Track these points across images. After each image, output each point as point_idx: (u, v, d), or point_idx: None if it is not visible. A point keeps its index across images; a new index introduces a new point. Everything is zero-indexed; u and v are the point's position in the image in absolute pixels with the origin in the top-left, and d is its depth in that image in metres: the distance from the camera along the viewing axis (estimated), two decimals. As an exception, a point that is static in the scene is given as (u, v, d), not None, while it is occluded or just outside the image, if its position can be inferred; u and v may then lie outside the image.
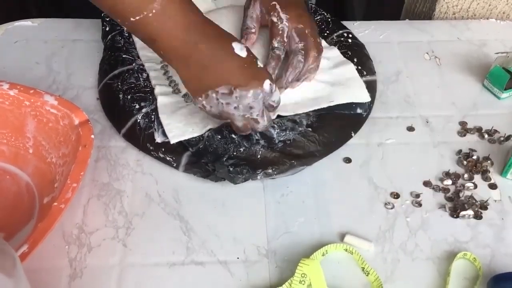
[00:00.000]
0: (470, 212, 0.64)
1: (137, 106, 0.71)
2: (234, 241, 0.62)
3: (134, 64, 0.76)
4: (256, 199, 0.65)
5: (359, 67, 0.77)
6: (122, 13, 0.57)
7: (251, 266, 0.60)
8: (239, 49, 0.60)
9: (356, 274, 0.59)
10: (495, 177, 0.68)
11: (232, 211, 0.64)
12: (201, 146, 0.67)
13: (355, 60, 0.78)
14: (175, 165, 0.67)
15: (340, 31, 0.83)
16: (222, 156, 0.66)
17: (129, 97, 0.72)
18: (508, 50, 0.80)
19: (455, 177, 0.68)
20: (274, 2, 0.70)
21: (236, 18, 0.77)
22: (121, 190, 0.66)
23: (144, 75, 0.75)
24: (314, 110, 0.71)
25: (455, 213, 0.64)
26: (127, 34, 0.81)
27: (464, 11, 0.93)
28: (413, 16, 0.96)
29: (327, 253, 0.60)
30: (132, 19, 0.57)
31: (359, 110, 0.73)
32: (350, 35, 0.82)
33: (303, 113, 0.71)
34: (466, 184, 0.67)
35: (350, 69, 0.76)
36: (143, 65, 0.76)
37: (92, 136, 0.62)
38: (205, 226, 0.63)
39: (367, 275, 0.59)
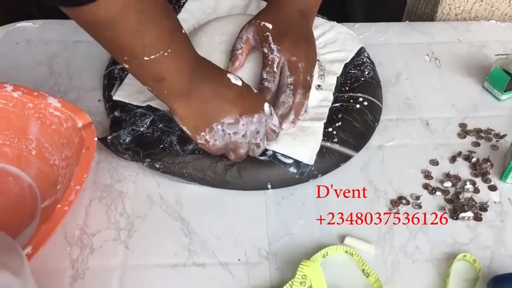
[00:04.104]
0: (470, 214, 0.64)
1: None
2: (235, 243, 0.62)
3: None
4: (257, 201, 0.66)
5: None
6: (136, 52, 0.53)
7: (252, 267, 0.60)
8: (234, 79, 0.61)
9: (356, 276, 0.59)
10: (495, 179, 0.69)
11: (233, 213, 0.65)
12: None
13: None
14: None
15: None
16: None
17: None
18: (508, 52, 0.80)
19: (455, 179, 0.68)
20: (267, 33, 0.66)
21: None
22: (123, 192, 0.66)
23: None
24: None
25: (455, 214, 0.64)
26: None
27: (466, 12, 0.92)
28: (415, 17, 0.96)
29: (327, 254, 0.60)
30: (146, 58, 0.53)
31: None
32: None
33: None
34: (466, 186, 0.67)
35: (319, 126, 0.69)
36: None
37: (95, 139, 0.62)
38: (206, 228, 0.63)
39: (367, 277, 0.59)
